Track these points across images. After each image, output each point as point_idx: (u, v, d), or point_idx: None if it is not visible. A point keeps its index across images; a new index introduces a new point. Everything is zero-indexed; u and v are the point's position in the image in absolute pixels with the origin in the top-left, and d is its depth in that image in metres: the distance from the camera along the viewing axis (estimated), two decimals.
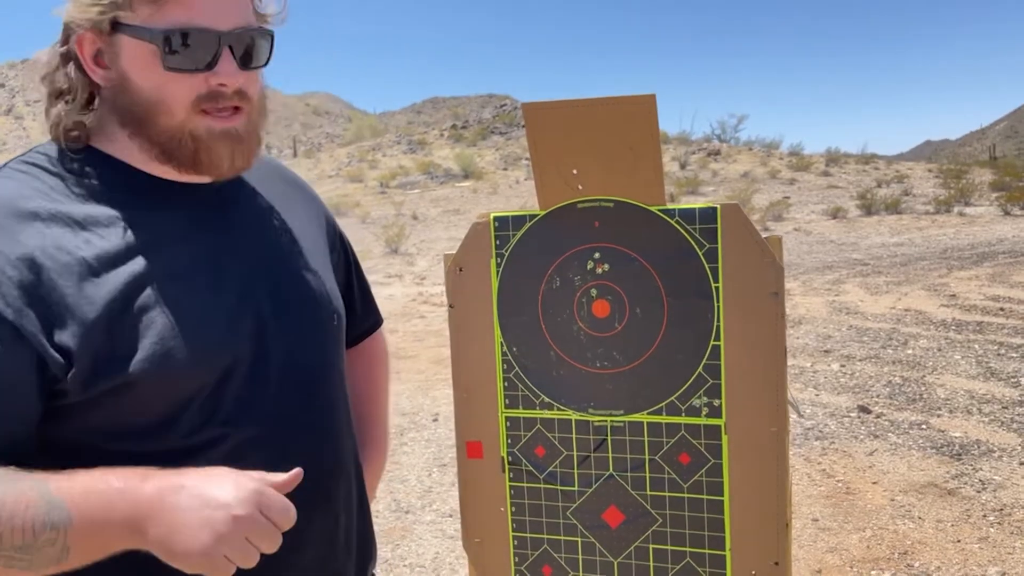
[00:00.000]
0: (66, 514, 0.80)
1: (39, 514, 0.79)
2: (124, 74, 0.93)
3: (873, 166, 25.77)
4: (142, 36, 0.90)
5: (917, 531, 3.54)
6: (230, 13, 0.93)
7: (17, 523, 0.79)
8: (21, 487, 0.81)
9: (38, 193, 0.92)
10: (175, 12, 0.89)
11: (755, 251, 1.05)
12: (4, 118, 56.30)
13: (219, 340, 0.96)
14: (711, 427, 1.09)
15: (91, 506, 0.81)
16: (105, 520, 0.81)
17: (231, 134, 0.96)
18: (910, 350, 6.33)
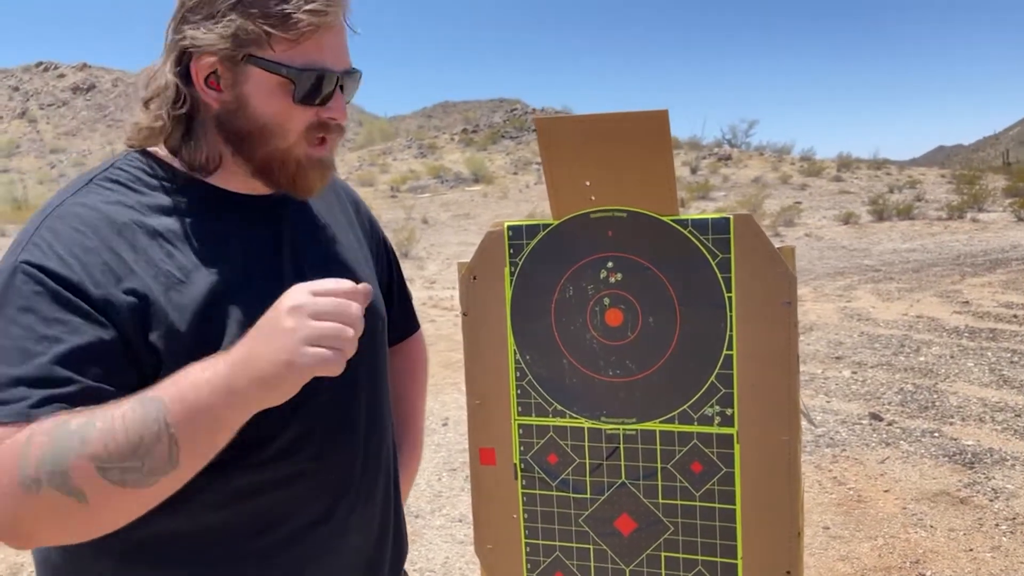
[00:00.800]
0: (160, 405, 0.83)
1: (137, 414, 0.83)
2: (244, 98, 1.01)
3: (885, 171, 25.67)
4: (276, 70, 0.99)
5: (929, 540, 3.52)
6: (343, 56, 1.04)
7: (119, 429, 0.82)
8: (118, 402, 0.85)
9: (124, 208, 1.00)
10: (309, 52, 0.99)
11: (768, 261, 1.05)
12: (19, 121, 56.77)
13: None
14: (723, 436, 1.09)
15: (180, 391, 0.84)
16: (198, 397, 0.84)
17: (323, 162, 1.06)
18: (922, 357, 6.30)
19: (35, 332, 0.89)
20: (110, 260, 0.95)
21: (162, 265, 0.97)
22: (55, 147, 51.76)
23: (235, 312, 0.99)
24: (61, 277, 0.91)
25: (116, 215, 0.98)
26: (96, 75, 64.51)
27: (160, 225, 1.00)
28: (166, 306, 0.95)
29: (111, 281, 0.93)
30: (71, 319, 0.90)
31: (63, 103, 60.33)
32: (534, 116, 1.11)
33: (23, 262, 0.92)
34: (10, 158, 48.89)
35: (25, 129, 55.49)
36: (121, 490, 0.83)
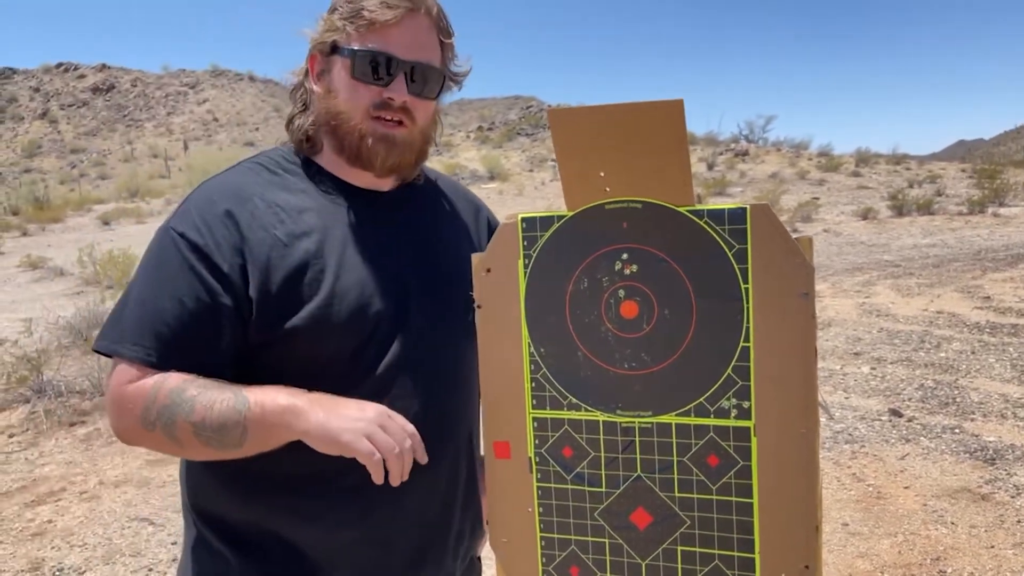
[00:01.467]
0: (246, 404, 1.11)
1: (230, 404, 1.11)
2: (331, 84, 1.24)
3: (904, 166, 25.42)
4: (344, 54, 1.21)
5: (950, 537, 3.48)
6: (413, 49, 1.22)
7: (217, 409, 1.10)
8: (222, 388, 1.13)
9: (256, 184, 1.25)
10: (373, 40, 1.20)
11: (785, 251, 1.04)
12: (40, 122, 57.35)
13: (365, 309, 1.21)
14: (740, 429, 1.08)
15: (263, 400, 1.11)
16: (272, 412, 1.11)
17: (388, 138, 1.24)
18: (943, 353, 6.23)
19: (167, 290, 1.15)
20: (230, 226, 1.18)
21: (271, 230, 1.20)
22: (75, 147, 52.26)
23: (323, 283, 1.19)
24: (195, 244, 1.16)
25: (243, 189, 1.23)
26: (115, 76, 65.04)
27: (279, 199, 1.24)
28: (265, 265, 1.17)
29: (229, 245, 1.17)
30: (198, 283, 1.15)
31: (83, 103, 60.88)
32: (548, 110, 1.12)
33: (171, 227, 1.19)
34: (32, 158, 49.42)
35: (46, 129, 56.07)
36: (203, 447, 1.13)
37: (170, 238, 1.18)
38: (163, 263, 1.17)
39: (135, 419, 1.13)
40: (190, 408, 1.10)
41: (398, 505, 1.26)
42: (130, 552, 3.71)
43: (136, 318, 1.15)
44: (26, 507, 4.26)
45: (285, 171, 1.28)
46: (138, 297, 1.17)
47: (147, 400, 1.12)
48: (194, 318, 1.14)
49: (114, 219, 21.51)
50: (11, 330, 8.24)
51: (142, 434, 1.14)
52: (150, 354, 1.13)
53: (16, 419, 5.57)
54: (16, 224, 21.09)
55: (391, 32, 1.20)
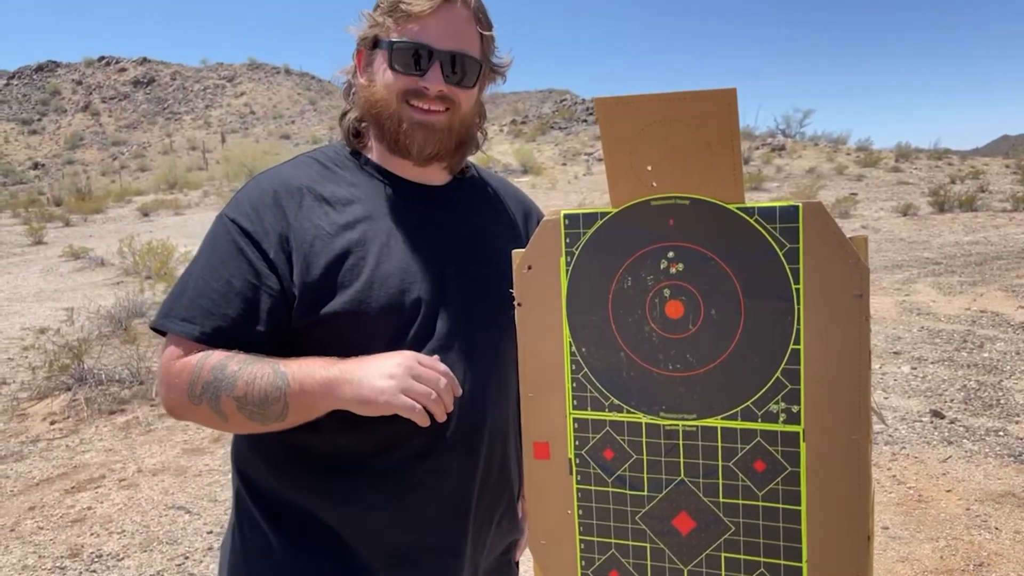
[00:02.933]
0: (285, 379, 1.15)
1: (270, 380, 1.15)
2: (374, 75, 1.29)
3: (946, 161, 24.88)
4: (383, 47, 1.26)
5: (993, 542, 3.39)
6: (450, 39, 1.25)
7: (259, 384, 1.15)
8: (261, 363, 1.17)
9: (308, 177, 1.30)
10: (410, 31, 1.24)
11: (838, 251, 1.00)
12: (82, 114, 58.46)
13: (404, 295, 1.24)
14: (789, 434, 1.05)
15: (301, 374, 1.15)
16: (310, 386, 1.15)
17: (426, 125, 1.28)
18: (986, 353, 6.08)
19: (218, 272, 1.21)
20: (279, 215, 1.23)
21: (316, 220, 1.25)
22: (116, 139, 53.19)
23: (364, 269, 1.23)
24: (245, 230, 1.22)
25: (293, 181, 1.28)
26: (156, 69, 66.05)
27: (327, 191, 1.28)
28: (308, 253, 1.22)
29: (277, 232, 1.22)
30: (246, 266, 1.21)
31: (124, 96, 61.93)
32: (593, 98, 1.09)
33: (225, 214, 1.26)
34: (74, 150, 50.41)
35: (88, 122, 57.13)
36: (248, 420, 1.18)
37: (223, 224, 1.25)
38: (216, 247, 1.24)
39: (182, 394, 1.18)
40: (232, 384, 1.15)
41: (431, 488, 1.28)
42: (167, 540, 3.76)
43: (188, 297, 1.21)
44: (66, 494, 4.33)
45: (337, 165, 1.34)
46: (192, 278, 1.23)
47: (192, 376, 1.17)
48: (241, 298, 1.20)
49: (153, 210, 21.85)
50: (54, 319, 8.41)
51: (189, 408, 1.19)
52: (195, 329, 1.19)
53: (58, 406, 5.68)
54: (59, 215, 21.53)
55: (428, 23, 1.24)
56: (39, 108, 59.06)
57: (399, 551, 1.29)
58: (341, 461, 1.26)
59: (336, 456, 1.26)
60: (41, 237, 16.94)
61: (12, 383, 6.35)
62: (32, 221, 19.30)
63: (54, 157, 49.18)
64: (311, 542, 1.28)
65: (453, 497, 1.31)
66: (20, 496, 4.33)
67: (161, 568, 3.51)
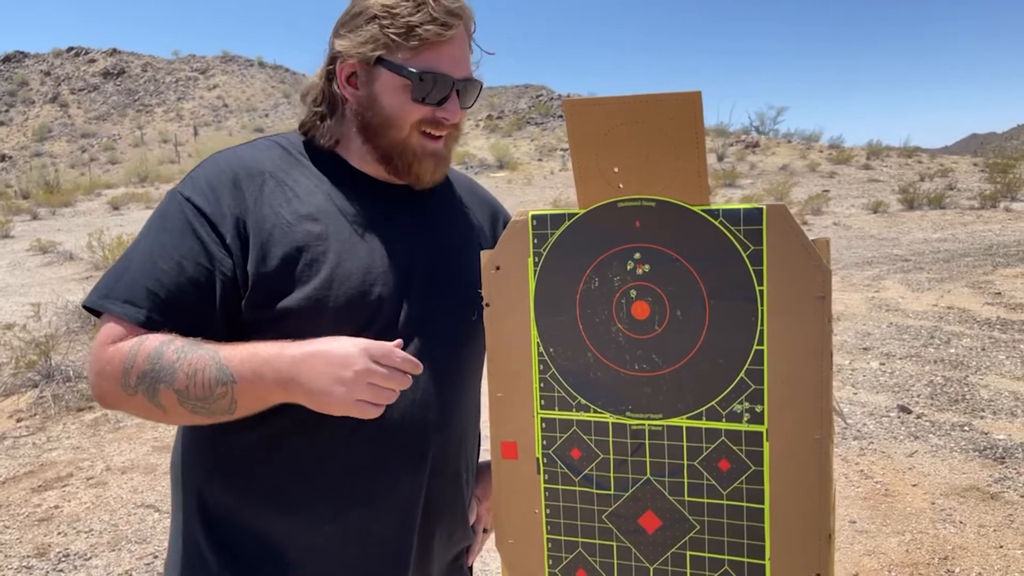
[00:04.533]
0: (230, 376, 1.07)
1: (213, 373, 1.06)
2: (374, 95, 1.22)
3: (916, 159, 25.23)
4: (400, 72, 1.19)
5: (958, 536, 3.46)
6: (462, 65, 1.22)
7: (198, 379, 1.06)
8: (201, 353, 1.08)
9: (270, 161, 1.23)
10: (428, 59, 1.18)
11: (801, 253, 1.02)
12: (50, 106, 57.47)
13: (365, 296, 1.18)
14: (752, 433, 1.06)
15: (247, 371, 1.07)
16: (259, 383, 1.07)
17: (438, 154, 1.25)
18: (953, 349, 6.19)
19: (168, 253, 1.12)
20: (238, 198, 1.16)
21: (277, 208, 1.18)
22: (86, 131, 52.36)
23: (323, 266, 1.16)
24: (201, 210, 1.14)
25: (254, 164, 1.21)
26: (126, 60, 65.09)
27: (290, 179, 1.22)
28: (266, 242, 1.15)
29: (234, 216, 1.15)
30: (199, 249, 1.13)
31: (94, 88, 60.97)
32: (562, 99, 1.10)
33: (179, 191, 1.17)
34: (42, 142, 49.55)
35: (57, 113, 56.18)
36: (191, 414, 1.09)
37: (177, 202, 1.16)
38: (167, 226, 1.15)
39: (115, 383, 1.09)
40: (171, 375, 1.06)
41: (380, 502, 1.21)
42: (136, 539, 3.72)
43: (132, 277, 1.12)
44: (33, 492, 4.27)
45: (299, 153, 1.27)
46: (137, 257, 1.14)
47: (126, 363, 1.08)
48: (191, 283, 1.12)
49: (123, 204, 21.55)
50: (20, 314, 8.27)
51: (123, 398, 1.10)
52: (140, 313, 1.10)
53: (24, 404, 5.59)
54: (26, 208, 21.16)
55: (443, 50, 1.19)
56: (6, 99, 57.98)
57: (345, 569, 1.22)
58: (285, 473, 1.20)
59: (280, 467, 1.19)
60: (8, 231, 16.64)
61: None
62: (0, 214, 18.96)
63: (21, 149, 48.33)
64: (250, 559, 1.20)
65: (405, 511, 1.24)
66: None
67: (130, 567, 3.47)
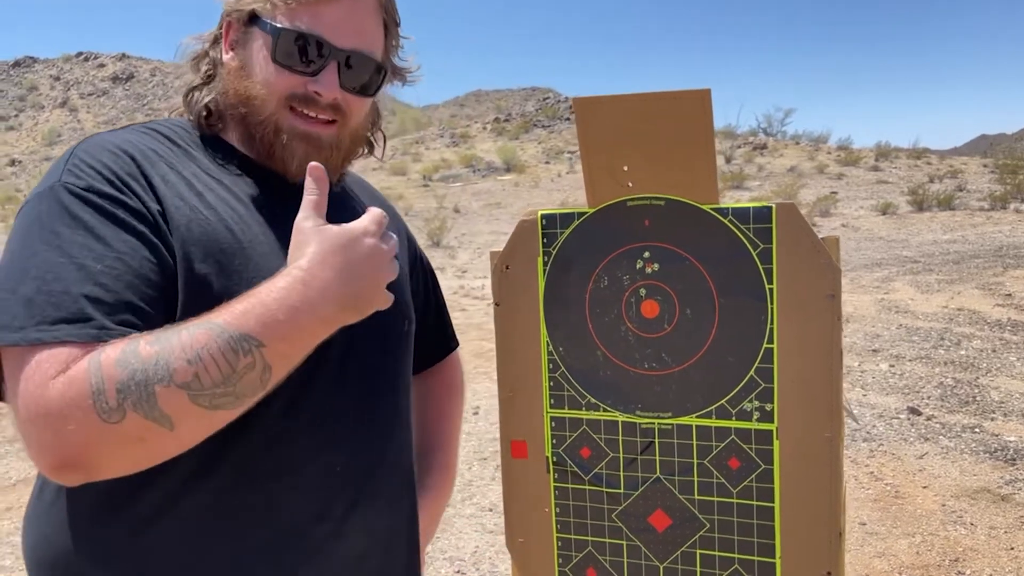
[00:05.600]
0: (251, 338, 0.82)
1: (223, 345, 0.81)
2: (246, 60, 1.03)
3: (925, 161, 25.13)
4: (266, 29, 1.00)
5: (969, 538, 3.44)
6: (351, 36, 1.01)
7: (207, 359, 0.80)
8: (190, 332, 0.82)
9: (159, 150, 1.01)
10: (303, 18, 0.99)
11: (811, 252, 1.02)
12: (60, 110, 57.80)
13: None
14: (762, 432, 1.06)
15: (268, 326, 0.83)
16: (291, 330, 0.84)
17: (311, 137, 1.03)
18: (963, 351, 6.16)
19: (91, 249, 0.87)
20: (144, 184, 0.94)
21: (190, 200, 0.97)
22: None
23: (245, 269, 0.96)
24: (109, 195, 0.91)
25: (148, 152, 0.99)
26: (135, 65, 65.40)
27: (186, 171, 1.01)
28: (186, 239, 0.93)
29: (152, 206, 0.93)
30: (124, 236, 0.89)
31: (103, 92, 61.29)
32: (570, 101, 1.09)
33: (65, 184, 0.91)
34: (52, 146, 49.81)
35: (66, 118, 56.48)
36: (209, 411, 0.82)
37: (72, 196, 0.89)
38: (71, 224, 0.88)
39: (87, 417, 0.78)
40: (166, 369, 0.79)
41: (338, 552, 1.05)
42: None
43: (52, 291, 0.83)
44: None
45: (188, 145, 1.05)
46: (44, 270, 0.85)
47: (91, 385, 0.78)
48: (142, 280, 0.88)
49: None
50: None
51: (103, 433, 0.78)
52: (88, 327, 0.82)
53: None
54: None
55: (325, 12, 1.00)
56: (16, 104, 58.38)
57: None
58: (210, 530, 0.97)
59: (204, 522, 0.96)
60: None
61: None
62: (9, 218, 19.06)
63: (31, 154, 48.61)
64: None
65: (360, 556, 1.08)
66: None
67: None
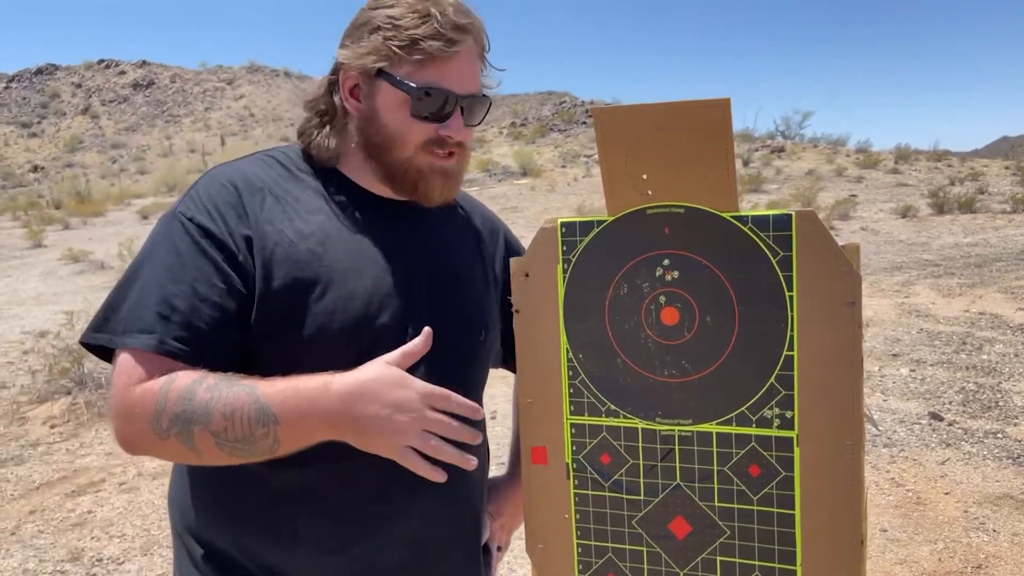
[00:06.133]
0: (273, 416, 1.01)
1: (252, 414, 1.01)
2: (375, 109, 1.17)
3: (946, 163, 24.88)
4: (400, 86, 1.14)
5: (991, 544, 3.41)
6: (467, 82, 1.18)
7: (237, 419, 1.01)
8: (237, 391, 1.02)
9: (268, 177, 1.20)
10: (430, 74, 1.14)
11: (831, 259, 1.02)
12: (81, 117, 58.47)
13: (369, 320, 1.15)
14: (783, 439, 1.06)
15: (289, 409, 1.02)
16: (303, 422, 1.02)
17: (445, 171, 1.20)
18: (985, 355, 6.10)
19: (173, 274, 1.08)
20: (241, 215, 1.13)
21: (279, 225, 1.14)
22: (116, 142, 53.21)
23: (329, 289, 1.13)
24: (207, 230, 1.10)
25: (255, 180, 1.17)
26: (155, 72, 66.09)
27: (289, 196, 1.18)
28: (269, 262, 1.11)
29: (240, 235, 1.11)
30: (212, 270, 1.08)
31: (124, 99, 61.96)
32: (590, 106, 1.11)
33: (179, 212, 1.13)
34: (73, 153, 50.42)
35: (88, 125, 57.14)
36: (228, 456, 1.04)
37: (179, 224, 1.11)
38: (173, 250, 1.10)
39: (145, 427, 1.03)
40: (206, 416, 1.00)
41: (389, 532, 1.18)
42: (167, 544, 3.77)
43: (144, 306, 1.06)
44: (67, 497, 4.34)
45: (301, 171, 1.23)
46: (144, 285, 1.08)
47: (157, 406, 1.02)
48: (208, 305, 1.07)
49: (152, 213, 21.85)
50: (53, 322, 8.42)
51: (154, 442, 1.04)
52: (152, 339, 1.04)
53: (58, 410, 5.69)
54: (59, 218, 21.54)
55: (448, 67, 1.15)
56: (38, 111, 59.14)
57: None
58: (293, 500, 1.15)
59: (288, 493, 1.15)
60: (41, 240, 16.95)
61: (12, 387, 6.36)
62: (32, 224, 19.31)
63: (54, 160, 49.23)
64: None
65: (414, 541, 1.21)
66: (20, 500, 4.34)
67: (162, 572, 3.52)
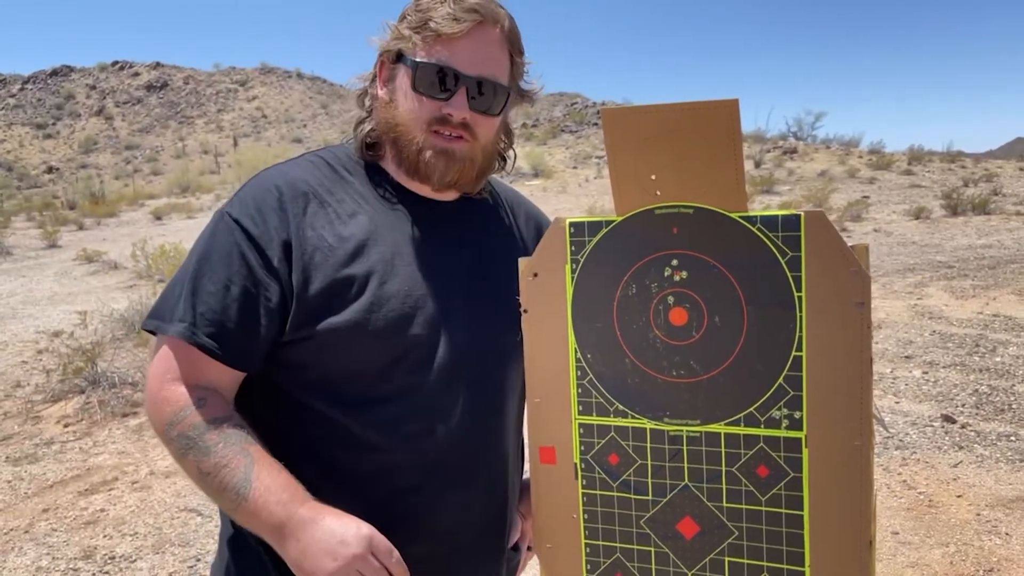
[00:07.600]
0: (246, 493, 1.09)
1: (235, 481, 1.10)
2: (395, 92, 1.24)
3: (959, 164, 24.72)
4: (408, 64, 1.20)
5: (1004, 548, 3.38)
6: (478, 65, 1.20)
7: (222, 475, 1.10)
8: (239, 455, 1.11)
9: (315, 179, 1.24)
10: (438, 52, 1.18)
11: (840, 260, 1.01)
12: (96, 118, 58.87)
13: (407, 319, 1.19)
14: (791, 440, 1.06)
15: (260, 498, 1.09)
16: (260, 516, 1.09)
17: (447, 153, 1.22)
18: (999, 357, 6.05)
19: (214, 272, 1.15)
20: (283, 220, 1.17)
21: (320, 229, 1.19)
22: (130, 143, 53.56)
23: (366, 288, 1.17)
24: (248, 232, 1.16)
25: (299, 184, 1.22)
26: (169, 73, 66.47)
27: (333, 199, 1.23)
28: (308, 264, 1.16)
29: (280, 239, 1.16)
30: (246, 272, 1.15)
31: (137, 101, 62.34)
32: (600, 107, 1.12)
33: (227, 212, 1.20)
34: (88, 154, 50.77)
35: (102, 126, 57.53)
36: (200, 487, 1.15)
37: (225, 224, 1.19)
38: (215, 247, 1.17)
39: (160, 422, 1.16)
40: (204, 454, 1.11)
41: (429, 524, 1.24)
42: (179, 542, 3.79)
43: (182, 298, 1.16)
44: (80, 496, 4.38)
45: (348, 171, 1.28)
46: (187, 277, 1.17)
47: (173, 418, 1.14)
48: (237, 305, 1.14)
49: (166, 214, 21.99)
50: (67, 322, 8.48)
51: (161, 435, 1.17)
52: (194, 332, 1.13)
53: (71, 409, 5.73)
54: (73, 218, 21.70)
55: (457, 45, 1.18)
56: (53, 112, 59.57)
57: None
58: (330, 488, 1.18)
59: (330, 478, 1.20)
60: (55, 240, 17.08)
61: (26, 386, 6.41)
62: (46, 225, 19.46)
63: (68, 161, 49.58)
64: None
65: (452, 533, 1.26)
66: (34, 498, 4.37)
67: (173, 570, 3.54)
